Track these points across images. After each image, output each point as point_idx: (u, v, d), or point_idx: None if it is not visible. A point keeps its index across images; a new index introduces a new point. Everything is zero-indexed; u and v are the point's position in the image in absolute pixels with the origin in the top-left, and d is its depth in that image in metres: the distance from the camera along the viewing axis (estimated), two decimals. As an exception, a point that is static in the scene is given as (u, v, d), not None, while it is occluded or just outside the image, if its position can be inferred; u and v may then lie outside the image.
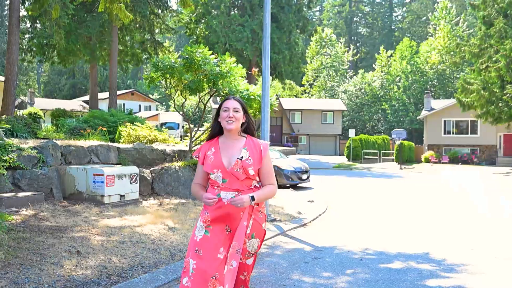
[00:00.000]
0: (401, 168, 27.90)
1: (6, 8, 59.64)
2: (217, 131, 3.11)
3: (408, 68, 51.69)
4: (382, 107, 52.43)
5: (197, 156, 3.12)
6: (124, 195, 7.93)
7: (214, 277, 2.79)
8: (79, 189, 7.73)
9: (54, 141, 8.70)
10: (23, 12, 24.79)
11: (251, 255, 3.01)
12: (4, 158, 6.98)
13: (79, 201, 7.61)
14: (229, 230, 2.95)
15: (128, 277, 4.52)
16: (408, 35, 68.06)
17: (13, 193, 6.92)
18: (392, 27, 75.94)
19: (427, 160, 34.64)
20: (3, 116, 13.19)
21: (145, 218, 6.94)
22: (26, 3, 23.06)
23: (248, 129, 3.12)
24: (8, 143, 7.53)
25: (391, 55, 56.50)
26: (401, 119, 50.15)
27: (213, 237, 2.91)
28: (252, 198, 2.91)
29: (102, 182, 7.54)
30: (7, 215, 5.84)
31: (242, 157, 2.96)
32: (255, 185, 3.02)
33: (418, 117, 41.56)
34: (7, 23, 54.81)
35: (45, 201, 7.18)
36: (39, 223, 5.97)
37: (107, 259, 4.89)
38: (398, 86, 51.78)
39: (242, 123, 3.07)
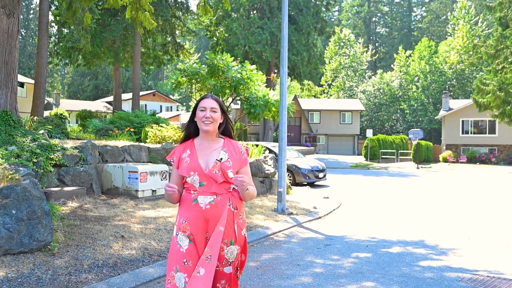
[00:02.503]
0: (417, 168, 28.28)
1: (31, 12, 61.72)
2: (192, 132, 2.92)
3: (426, 68, 51.73)
4: (400, 107, 52.60)
5: (171, 159, 2.91)
6: (155, 190, 8.79)
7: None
8: (116, 184, 8.61)
9: (92, 141, 9.62)
10: (50, 17, 26.00)
11: (228, 263, 2.75)
12: (51, 157, 7.91)
13: (115, 195, 8.50)
14: (208, 238, 2.73)
15: (166, 257, 5.36)
16: (427, 35, 67.84)
17: (59, 188, 7.82)
18: (411, 27, 75.71)
19: (445, 160, 34.84)
20: (35, 117, 14.20)
21: (175, 210, 7.77)
22: (52, 7, 24.24)
23: (226, 130, 2.95)
24: (52, 143, 8.46)
25: (410, 55, 56.54)
26: (420, 119, 50.26)
27: (198, 246, 2.72)
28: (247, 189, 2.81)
29: (136, 178, 8.41)
30: (58, 206, 6.74)
31: (221, 158, 2.78)
32: (233, 188, 2.81)
33: (436, 117, 41.71)
34: (32, 26, 56.77)
35: (87, 195, 8.08)
36: (84, 213, 6.85)
37: (147, 243, 5.73)
38: (417, 86, 51.87)
39: (220, 124, 2.90)
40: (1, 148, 6.96)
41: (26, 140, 7.95)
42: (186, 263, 2.68)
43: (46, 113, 23.68)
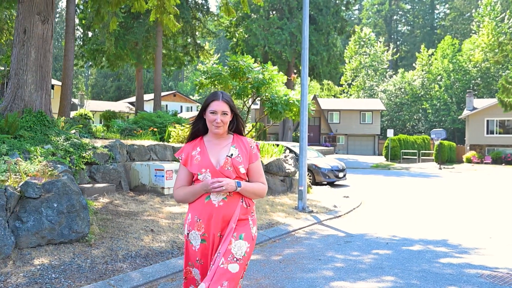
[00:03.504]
0: (440, 168, 28.08)
1: (57, 16, 63.21)
2: (201, 129, 2.89)
3: (450, 67, 51.10)
4: (422, 106, 52.09)
5: (180, 157, 2.87)
6: (180, 188, 9.11)
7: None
8: (143, 182, 8.99)
9: (120, 140, 10.02)
10: (75, 21, 26.75)
11: (235, 259, 2.62)
12: (83, 155, 8.32)
13: (143, 192, 8.87)
14: (221, 235, 2.72)
15: (194, 249, 5.66)
16: (451, 32, 66.93)
17: (91, 185, 8.22)
18: (434, 25, 74.78)
19: (469, 161, 34.43)
20: (63, 118, 14.75)
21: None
22: (78, 11, 24.94)
23: (237, 129, 2.92)
24: (84, 142, 8.88)
25: (432, 54, 55.93)
26: (443, 118, 49.70)
27: (211, 245, 2.71)
28: (238, 184, 2.71)
29: (163, 176, 8.77)
30: (91, 201, 7.12)
31: (231, 154, 2.77)
32: None
33: (459, 117, 41.23)
34: (58, 29, 58.14)
35: (116, 191, 8.46)
36: (115, 208, 7.22)
37: (175, 236, 6.05)
38: (440, 85, 51.29)
39: (230, 122, 2.87)
40: (38, 147, 7.37)
41: (60, 140, 8.37)
42: (198, 261, 2.73)
43: (71, 114, 24.37)
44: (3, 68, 12.50)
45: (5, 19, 22.22)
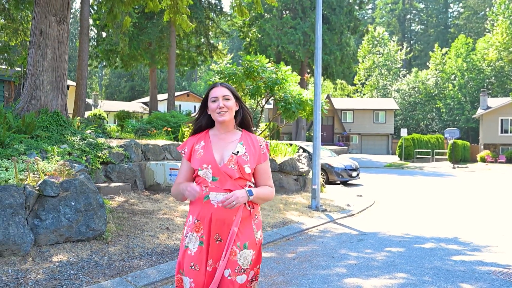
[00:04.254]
0: (454, 168, 27.83)
1: (71, 16, 63.99)
2: (203, 125, 2.66)
3: (464, 66, 50.55)
4: (436, 105, 51.62)
5: (182, 151, 2.64)
6: (194, 187, 9.20)
7: None
8: (158, 181, 9.09)
9: (135, 140, 10.15)
10: (89, 21, 27.06)
11: (242, 270, 2.45)
12: (99, 154, 8.45)
13: (158, 191, 8.97)
14: (219, 239, 2.47)
15: (208, 247, 5.74)
16: (465, 31, 66.19)
17: (107, 184, 8.35)
18: (448, 24, 74.03)
19: (483, 160, 34.06)
20: (78, 118, 14.94)
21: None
22: (92, 11, 25.25)
23: (245, 120, 2.68)
24: (99, 142, 9.01)
25: (446, 53, 55.37)
26: (456, 118, 49.19)
27: (208, 249, 2.48)
28: (250, 193, 2.46)
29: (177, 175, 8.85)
30: (107, 200, 7.23)
31: (237, 152, 2.52)
32: (249, 185, 2.58)
33: (473, 116, 40.76)
34: (72, 30, 58.87)
35: (131, 190, 8.58)
36: (131, 207, 7.32)
37: (189, 234, 6.12)
38: (453, 84, 50.77)
39: (236, 113, 2.64)
40: (55, 146, 7.52)
41: (76, 139, 8.52)
42: (193, 267, 2.46)
43: (86, 114, 24.68)
44: (19, 69, 12.73)
45: (20, 20, 22.59)
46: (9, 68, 14.77)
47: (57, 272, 4.46)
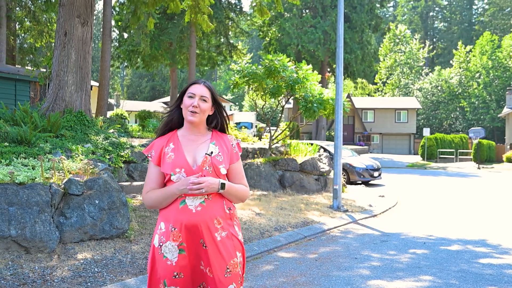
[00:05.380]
0: (478, 168, 27.26)
1: (94, 18, 64.97)
2: (175, 120, 2.47)
3: (489, 64, 49.46)
4: (460, 104, 50.66)
5: (149, 154, 2.43)
6: (215, 186, 9.23)
7: (201, 285, 2.35)
8: (179, 180, 9.14)
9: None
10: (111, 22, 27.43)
11: (230, 273, 2.33)
12: (122, 154, 8.54)
13: (179, 190, 9.02)
14: (204, 245, 2.30)
15: (230, 246, 5.74)
16: (490, 28, 64.77)
17: (129, 183, 8.44)
18: (472, 21, 72.56)
19: (509, 160, 33.22)
20: (101, 117, 15.15)
21: (235, 205, 8.16)
22: (114, 13, 25.57)
23: (221, 127, 2.53)
24: (122, 141, 9.12)
25: (470, 50, 54.28)
26: (481, 117, 48.19)
27: (191, 255, 2.31)
28: (223, 184, 2.31)
29: (198, 174, 8.89)
30: (129, 199, 7.31)
31: (211, 152, 2.37)
32: None
33: (499, 115, 39.85)
34: (95, 31, 59.79)
35: (153, 189, 8.65)
36: (153, 206, 7.38)
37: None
38: (478, 82, 49.73)
39: (210, 117, 2.47)
40: (79, 145, 7.63)
41: (99, 139, 8.63)
42: (177, 276, 2.29)
43: (108, 114, 25.03)
44: (44, 70, 13.00)
45: (45, 22, 23.06)
46: (35, 69, 15.08)
47: (81, 270, 4.52)
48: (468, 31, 69.38)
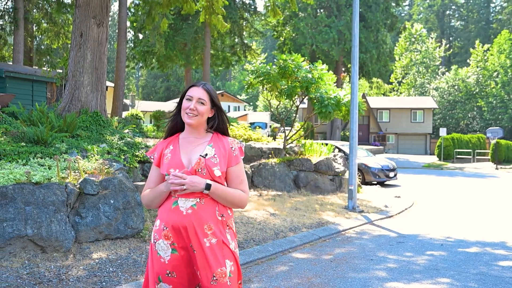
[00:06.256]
0: (496, 168, 26.81)
1: (110, 19, 65.62)
2: (179, 124, 2.50)
3: (507, 63, 48.59)
4: (477, 104, 49.88)
5: (151, 156, 2.49)
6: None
7: (198, 286, 2.35)
8: (193, 180, 9.15)
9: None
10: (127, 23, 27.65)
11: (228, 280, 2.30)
12: (137, 154, 8.58)
13: (193, 190, 9.03)
14: (194, 250, 2.29)
15: (244, 247, 5.71)
16: (508, 27, 63.66)
17: (144, 182, 8.47)
18: (490, 19, 71.42)
19: (528, 160, 32.65)
20: (116, 118, 15.26)
21: (249, 205, 8.14)
22: (129, 14, 25.77)
23: (218, 128, 2.50)
24: (136, 141, 9.16)
25: (488, 49, 53.40)
26: (499, 116, 47.37)
27: (184, 256, 2.31)
28: (208, 184, 2.28)
29: (212, 174, 8.89)
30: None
31: (206, 154, 2.36)
32: None
33: (517, 115, 39.15)
34: (110, 32, 60.37)
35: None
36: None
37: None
38: (496, 81, 48.90)
39: (210, 119, 2.47)
40: (94, 145, 7.68)
41: (114, 139, 8.68)
42: (169, 275, 2.30)
43: (123, 114, 25.24)
44: (61, 71, 13.17)
45: (61, 23, 23.35)
46: (52, 70, 15.28)
47: (97, 269, 4.54)
48: (486, 30, 68.31)
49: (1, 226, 4.52)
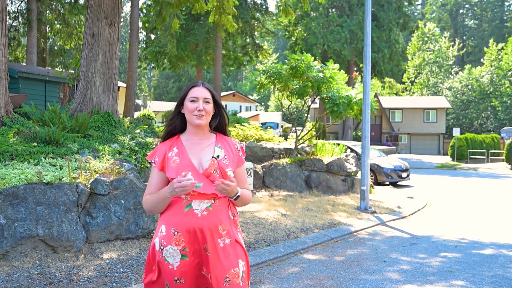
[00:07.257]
0: (511, 169, 26.42)
1: (121, 20, 66.07)
2: (178, 126, 2.43)
3: (522, 62, 47.91)
4: (491, 104, 49.22)
5: (152, 160, 2.40)
6: (241, 186, 9.19)
7: None
8: (204, 180, 9.14)
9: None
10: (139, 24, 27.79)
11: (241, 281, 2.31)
12: (147, 154, 8.59)
13: (204, 190, 9.01)
14: (207, 251, 2.25)
15: (255, 248, 5.67)
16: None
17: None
18: (504, 18, 70.44)
19: (543, 161, 32.10)
20: (128, 118, 15.32)
21: (260, 205, 8.10)
22: (141, 14, 25.89)
23: (220, 126, 2.48)
24: (148, 141, 9.17)
25: (502, 48, 52.67)
26: (514, 116, 46.72)
27: (194, 261, 2.26)
28: (237, 196, 2.31)
29: (223, 174, 8.86)
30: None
31: (218, 156, 2.33)
32: None
33: (533, 114, 38.54)
34: (122, 32, 60.81)
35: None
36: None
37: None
38: (510, 81, 48.22)
39: (212, 117, 2.44)
40: (106, 145, 7.70)
41: (126, 139, 8.70)
42: (178, 281, 2.24)
43: (135, 114, 25.38)
44: (73, 71, 13.27)
45: (74, 24, 23.55)
46: (64, 70, 15.41)
47: (107, 270, 4.53)
48: (500, 29, 67.39)
49: (13, 226, 4.54)
